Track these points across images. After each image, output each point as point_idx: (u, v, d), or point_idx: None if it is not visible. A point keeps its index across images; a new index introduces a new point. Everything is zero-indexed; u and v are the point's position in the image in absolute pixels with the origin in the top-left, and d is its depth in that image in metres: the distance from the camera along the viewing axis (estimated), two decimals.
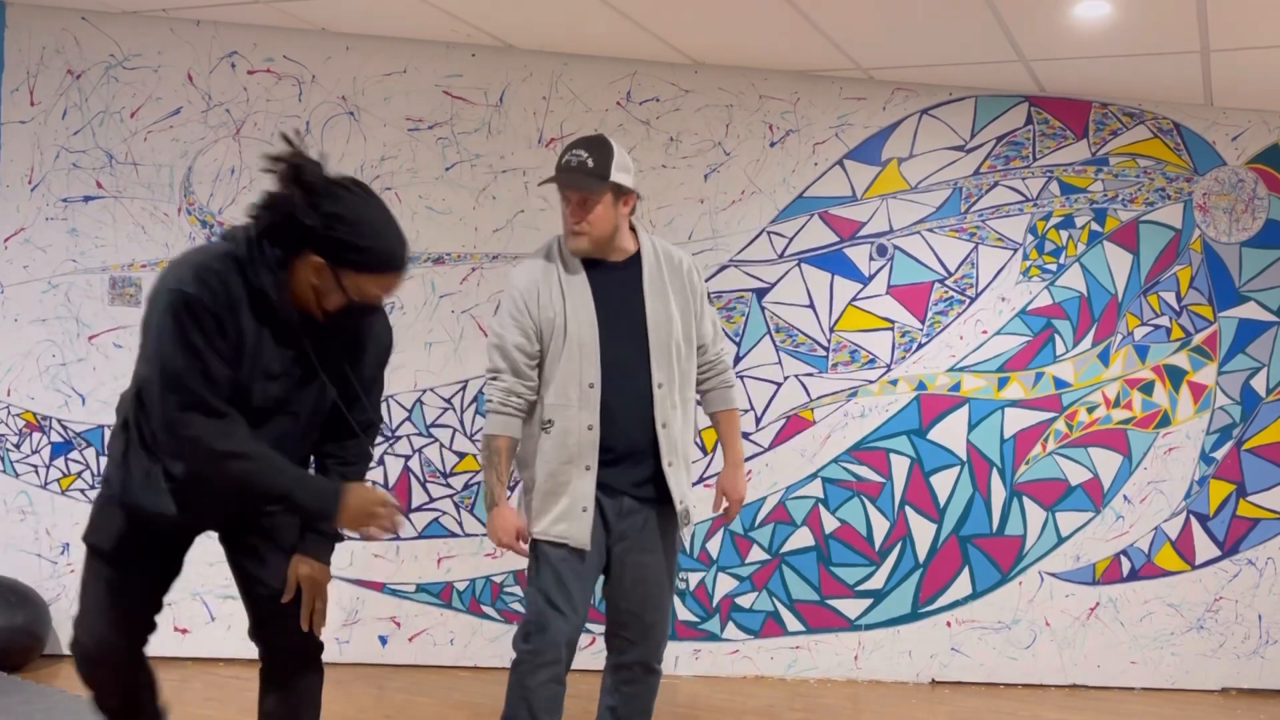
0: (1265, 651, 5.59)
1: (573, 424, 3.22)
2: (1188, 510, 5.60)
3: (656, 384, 3.26)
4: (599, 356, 3.23)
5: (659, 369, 3.26)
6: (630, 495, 3.30)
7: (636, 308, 3.28)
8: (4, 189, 5.23)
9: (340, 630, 5.33)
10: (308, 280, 2.59)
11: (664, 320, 3.29)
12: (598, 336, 3.23)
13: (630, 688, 3.43)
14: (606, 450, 3.25)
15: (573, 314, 3.23)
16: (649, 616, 3.37)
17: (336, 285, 2.58)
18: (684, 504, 3.35)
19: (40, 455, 5.23)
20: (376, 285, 2.62)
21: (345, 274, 2.57)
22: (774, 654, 5.50)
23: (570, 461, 3.23)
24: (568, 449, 3.23)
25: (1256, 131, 5.61)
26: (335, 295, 2.60)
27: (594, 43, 5.28)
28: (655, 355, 3.27)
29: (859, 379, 5.53)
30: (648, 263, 3.34)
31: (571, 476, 3.24)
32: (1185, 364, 5.59)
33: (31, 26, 5.22)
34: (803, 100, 5.54)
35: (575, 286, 3.26)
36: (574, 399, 3.22)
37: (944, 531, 5.54)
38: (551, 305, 3.25)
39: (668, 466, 3.29)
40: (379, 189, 5.35)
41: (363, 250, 2.57)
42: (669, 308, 3.31)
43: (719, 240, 5.51)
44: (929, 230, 5.56)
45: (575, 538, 3.24)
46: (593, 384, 3.22)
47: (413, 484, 5.37)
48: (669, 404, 3.28)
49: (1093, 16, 4.56)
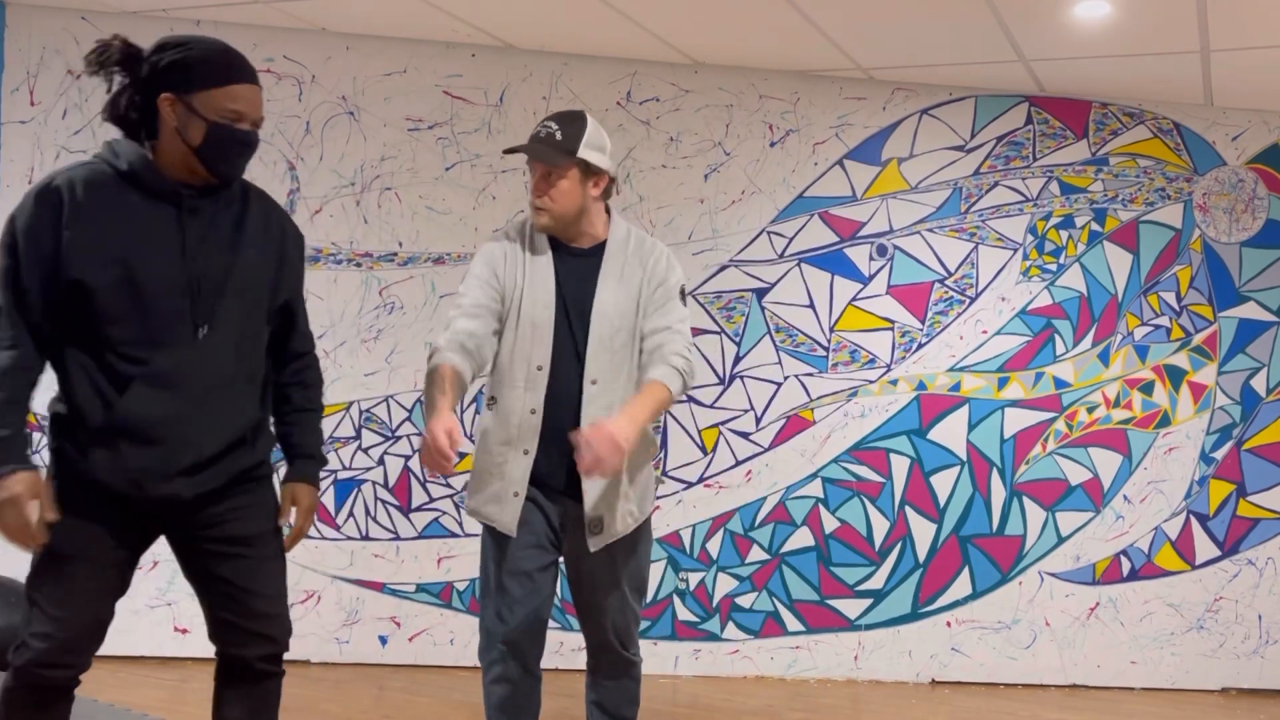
0: (1265, 651, 5.59)
1: (515, 405, 3.07)
2: (1188, 510, 5.60)
3: (589, 380, 3.07)
4: (551, 340, 3.07)
5: (594, 364, 3.07)
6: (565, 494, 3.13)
7: (589, 297, 3.10)
8: (4, 189, 5.22)
9: (340, 630, 5.33)
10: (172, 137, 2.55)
11: (611, 312, 3.09)
12: (553, 320, 3.07)
13: (609, 680, 3.37)
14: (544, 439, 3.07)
15: (529, 292, 3.09)
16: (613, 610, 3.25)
17: (192, 113, 2.52)
18: (596, 514, 3.11)
19: (40, 455, 5.22)
20: (228, 99, 2.55)
21: (196, 98, 2.53)
22: (774, 654, 5.50)
23: (509, 443, 3.08)
24: (508, 430, 3.08)
25: (1256, 131, 5.61)
26: (194, 125, 2.53)
27: (594, 43, 5.28)
28: (593, 349, 3.07)
29: (859, 379, 5.53)
30: (611, 252, 3.14)
31: (508, 459, 3.08)
32: (1185, 364, 5.59)
33: (31, 26, 5.22)
34: (803, 100, 5.54)
35: (538, 266, 3.11)
36: (520, 380, 3.07)
37: (944, 531, 5.54)
38: (512, 278, 3.11)
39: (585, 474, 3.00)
40: (379, 189, 5.41)
41: (200, 61, 2.57)
42: (619, 298, 3.10)
43: (719, 240, 5.51)
44: (929, 230, 5.56)
45: (502, 522, 3.09)
46: (541, 366, 3.06)
47: (412, 484, 5.37)
48: (600, 403, 3.06)
49: (1093, 16, 4.56)
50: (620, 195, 5.47)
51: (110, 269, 2.50)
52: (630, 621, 3.34)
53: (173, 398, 2.54)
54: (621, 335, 3.09)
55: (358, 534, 5.37)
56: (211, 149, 2.55)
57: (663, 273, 3.14)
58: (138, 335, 2.52)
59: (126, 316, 2.51)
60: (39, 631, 2.55)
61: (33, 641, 2.55)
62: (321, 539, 5.34)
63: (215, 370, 2.60)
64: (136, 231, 2.54)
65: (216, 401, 2.61)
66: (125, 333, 2.52)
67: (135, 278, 2.51)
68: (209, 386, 2.59)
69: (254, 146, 2.64)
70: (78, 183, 2.54)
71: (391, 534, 5.38)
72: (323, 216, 5.33)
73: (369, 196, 5.39)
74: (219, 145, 2.56)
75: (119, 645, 5.17)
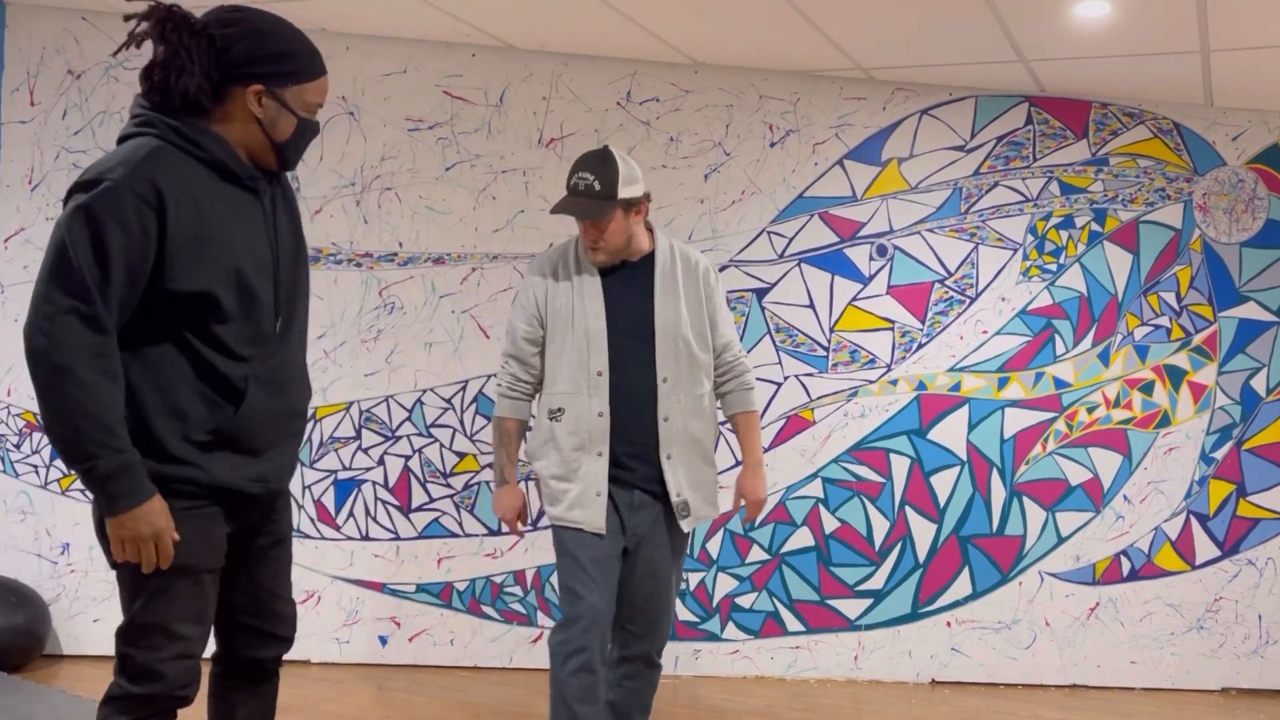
0: (1265, 651, 5.59)
1: (583, 411, 3.32)
2: (1188, 510, 5.60)
3: (661, 379, 3.35)
4: (607, 346, 3.33)
5: (664, 364, 3.36)
6: (640, 489, 3.39)
7: (645, 304, 3.38)
8: (4, 189, 5.23)
9: (340, 630, 5.33)
10: (245, 124, 2.40)
11: (672, 317, 3.38)
12: (605, 327, 3.34)
13: (632, 682, 3.49)
14: (616, 439, 3.34)
15: (580, 306, 3.34)
16: (655, 611, 3.48)
17: (282, 107, 2.41)
18: (681, 496, 3.40)
19: (40, 455, 5.24)
20: (316, 93, 2.47)
21: (288, 91, 2.41)
22: (774, 654, 5.51)
23: (582, 448, 3.33)
24: (579, 435, 3.33)
25: (1256, 131, 5.61)
26: (284, 120, 2.42)
27: (594, 43, 5.28)
28: (661, 350, 3.36)
29: (859, 379, 5.53)
30: (661, 262, 3.43)
31: (584, 463, 3.33)
32: (1185, 364, 5.59)
33: (31, 26, 5.22)
34: (803, 100, 5.54)
35: (586, 281, 3.38)
36: (583, 387, 3.32)
37: (944, 531, 5.54)
38: (560, 298, 3.36)
39: (665, 459, 3.37)
40: (379, 189, 5.41)
41: (297, 54, 2.43)
42: (678, 305, 3.41)
43: (719, 240, 5.51)
44: (929, 230, 5.56)
45: (590, 522, 3.32)
46: (601, 372, 3.32)
47: (413, 484, 5.37)
48: (673, 399, 3.36)
49: (1093, 16, 4.56)
50: None
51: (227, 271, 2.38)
52: (670, 622, 3.58)
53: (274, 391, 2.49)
54: (682, 336, 3.40)
55: (358, 534, 5.37)
56: (294, 143, 2.48)
57: (713, 282, 3.52)
58: (244, 332, 2.43)
59: (237, 317, 2.41)
60: (173, 654, 2.42)
61: (167, 667, 2.41)
62: (321, 539, 5.34)
63: (295, 361, 2.57)
64: (237, 225, 2.42)
65: (298, 392, 2.59)
66: (235, 334, 2.41)
67: (246, 277, 2.41)
68: (292, 378, 2.56)
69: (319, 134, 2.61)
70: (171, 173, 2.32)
71: (391, 534, 5.38)
72: (323, 216, 5.33)
73: (369, 196, 5.39)
74: (301, 139, 2.50)
75: None
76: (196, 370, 2.38)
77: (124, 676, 2.44)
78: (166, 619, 2.41)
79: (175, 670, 2.42)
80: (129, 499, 2.30)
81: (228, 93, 2.39)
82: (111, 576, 5.36)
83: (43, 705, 4.39)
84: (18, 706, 4.35)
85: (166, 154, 2.33)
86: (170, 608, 2.41)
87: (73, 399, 2.23)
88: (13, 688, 4.60)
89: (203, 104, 2.38)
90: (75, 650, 5.22)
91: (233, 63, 2.37)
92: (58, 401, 2.25)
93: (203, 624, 2.49)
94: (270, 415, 2.49)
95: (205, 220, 2.35)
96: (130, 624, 2.44)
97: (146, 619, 2.41)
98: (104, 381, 2.25)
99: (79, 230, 2.24)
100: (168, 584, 2.40)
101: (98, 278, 2.23)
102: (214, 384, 2.40)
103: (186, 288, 2.32)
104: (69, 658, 5.21)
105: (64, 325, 2.22)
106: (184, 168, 2.34)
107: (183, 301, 2.34)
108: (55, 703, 4.44)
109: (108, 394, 2.26)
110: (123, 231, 2.24)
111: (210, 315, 2.37)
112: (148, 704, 2.43)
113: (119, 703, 2.43)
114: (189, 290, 2.32)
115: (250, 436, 2.46)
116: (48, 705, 4.40)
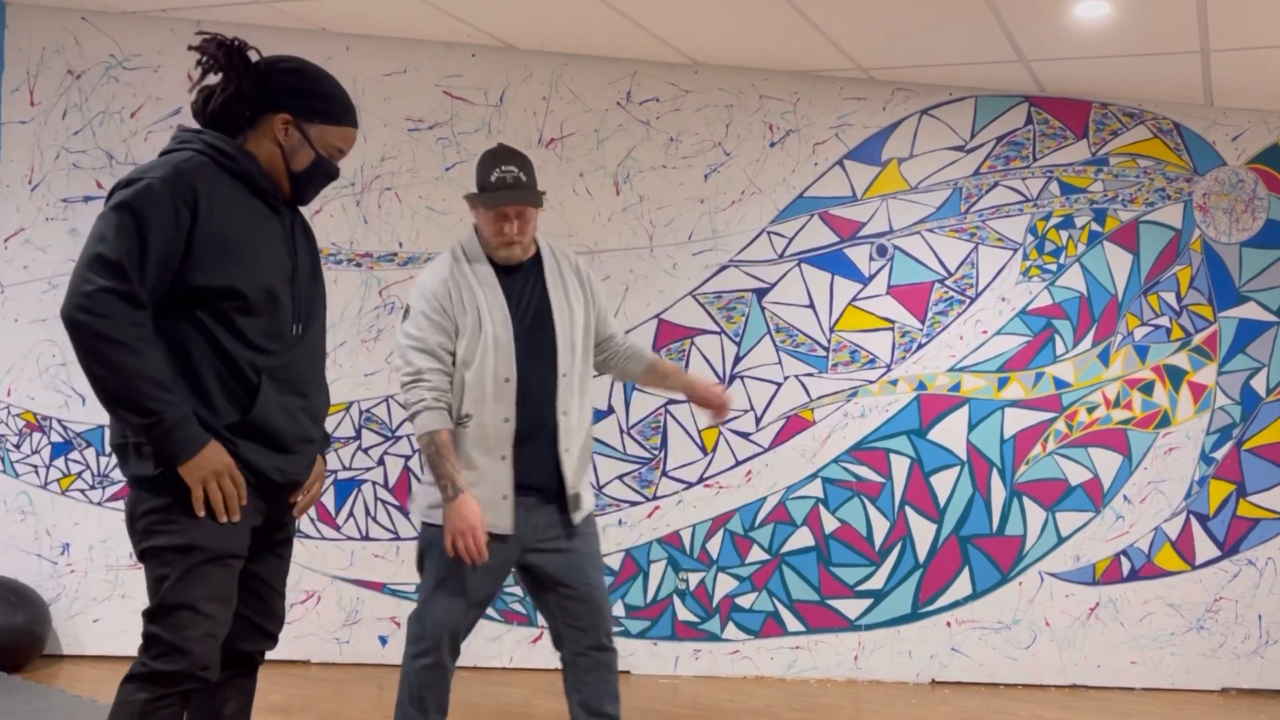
0: (1265, 651, 5.59)
1: (489, 418, 3.31)
2: (1188, 510, 5.60)
3: (561, 374, 3.37)
4: (514, 352, 3.33)
5: (564, 360, 3.38)
6: (536, 490, 3.36)
7: (543, 304, 3.41)
8: (4, 189, 5.23)
9: (340, 630, 5.33)
10: (271, 149, 2.63)
11: (567, 315, 3.42)
12: (512, 333, 3.34)
13: (592, 675, 3.43)
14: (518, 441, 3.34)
15: (487, 314, 3.34)
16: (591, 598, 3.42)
17: (304, 140, 2.65)
18: (575, 490, 3.39)
19: (40, 455, 5.23)
20: (340, 139, 2.72)
21: (313, 127, 2.66)
22: (774, 654, 5.51)
23: (488, 452, 3.32)
24: (485, 441, 3.32)
25: (1256, 131, 5.61)
26: (303, 152, 2.66)
27: (594, 43, 5.28)
28: (561, 347, 3.38)
29: (859, 379, 5.53)
30: (548, 262, 3.48)
31: (489, 467, 3.32)
32: (1185, 364, 5.59)
33: (31, 26, 5.22)
34: (803, 100, 5.54)
35: (488, 287, 3.38)
36: (490, 394, 3.31)
37: (944, 531, 5.54)
38: (464, 305, 3.35)
39: (564, 452, 3.36)
40: (379, 189, 5.41)
41: (330, 99, 2.70)
42: (570, 300, 3.45)
43: (719, 240, 5.51)
44: (929, 230, 5.56)
45: (499, 524, 3.30)
46: (508, 379, 3.32)
47: (413, 484, 5.37)
48: (570, 393, 3.39)
49: (1093, 16, 4.56)
50: (621, 196, 5.49)
51: (252, 270, 2.55)
52: (609, 602, 3.53)
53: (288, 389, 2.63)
54: (577, 332, 3.42)
55: (358, 534, 5.37)
56: (308, 176, 2.71)
57: (595, 282, 3.57)
58: (266, 330, 2.58)
59: (259, 312, 2.57)
60: (200, 633, 2.51)
61: (193, 645, 2.50)
62: (321, 539, 5.34)
63: (311, 366, 2.73)
64: (260, 232, 2.61)
65: (315, 396, 2.74)
66: (256, 328, 2.57)
67: (267, 275, 2.59)
68: (308, 381, 2.71)
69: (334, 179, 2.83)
70: (206, 178, 2.52)
71: (391, 534, 5.38)
72: (323, 216, 5.33)
73: (369, 196, 5.39)
74: (315, 175, 2.72)
75: (119, 645, 5.17)
76: (218, 359, 2.53)
77: (148, 654, 2.52)
78: (195, 599, 2.50)
79: (201, 649, 2.51)
80: (194, 443, 2.46)
81: (261, 117, 2.64)
82: (111, 577, 5.38)
83: (43, 705, 4.39)
84: (18, 706, 4.35)
85: (203, 164, 2.55)
86: (199, 589, 2.51)
87: (124, 363, 2.40)
88: (13, 688, 4.60)
89: (239, 123, 2.63)
90: (75, 650, 5.22)
91: (272, 90, 2.64)
92: (108, 370, 2.41)
93: (228, 607, 2.57)
94: (285, 412, 2.62)
95: (234, 223, 2.54)
96: (159, 605, 2.52)
97: (176, 599, 2.50)
98: (148, 347, 2.43)
99: (117, 219, 2.43)
100: (194, 565, 2.51)
101: (134, 261, 2.41)
102: (233, 373, 2.54)
103: (213, 283, 2.49)
104: (69, 658, 5.21)
105: (102, 300, 2.39)
106: (218, 178, 2.55)
107: (209, 295, 2.50)
108: (55, 703, 4.44)
109: (154, 356, 2.43)
110: (159, 222, 2.43)
111: (234, 308, 2.53)
112: (169, 680, 2.50)
113: (141, 679, 2.51)
114: (216, 285, 2.50)
115: (269, 428, 2.58)
116: (48, 705, 4.40)
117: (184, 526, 2.50)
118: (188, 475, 2.46)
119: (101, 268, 2.40)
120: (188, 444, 2.44)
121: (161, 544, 2.51)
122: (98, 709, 4.31)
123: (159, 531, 2.51)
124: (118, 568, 5.23)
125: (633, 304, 5.47)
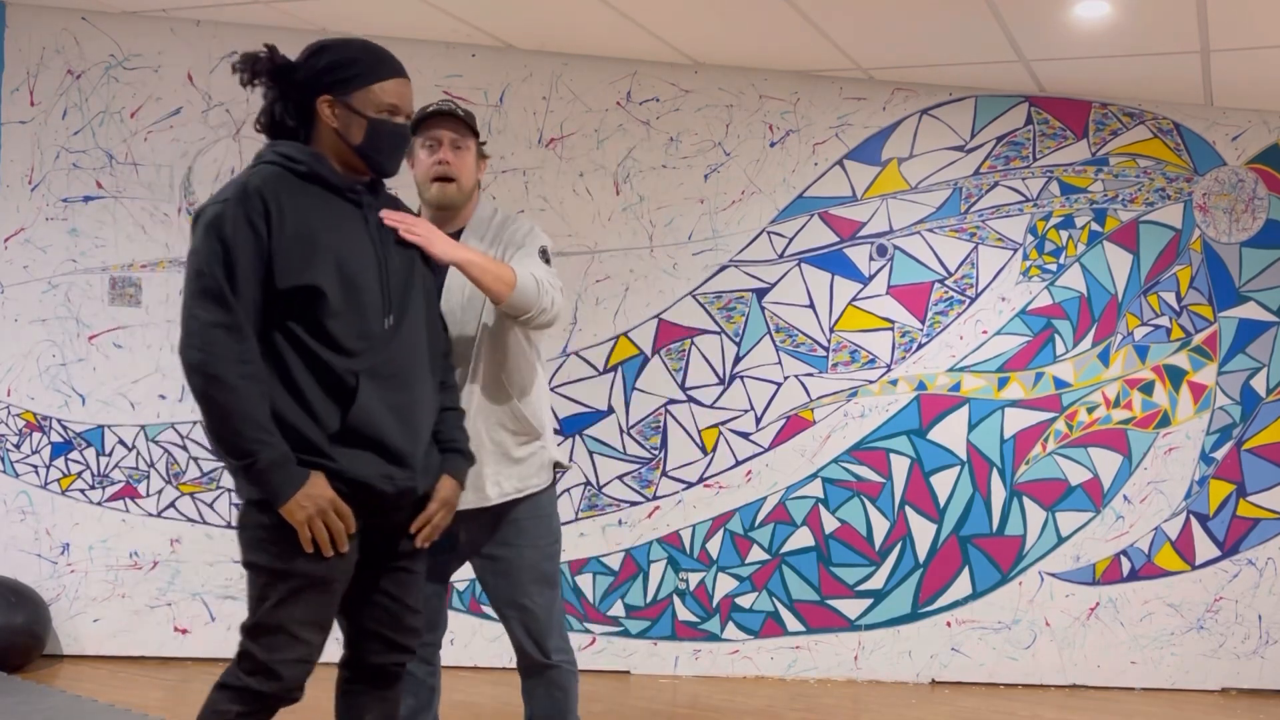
0: (1265, 651, 5.59)
1: None
2: (1188, 510, 5.60)
3: None
4: None
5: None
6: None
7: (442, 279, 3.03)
8: (4, 189, 5.23)
9: None
10: (331, 137, 2.61)
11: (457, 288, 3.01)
12: None
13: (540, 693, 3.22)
14: None
15: None
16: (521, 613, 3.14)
17: (350, 112, 2.61)
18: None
19: (40, 455, 5.23)
20: (386, 94, 2.66)
21: (353, 96, 2.61)
22: (774, 654, 5.51)
23: None
24: None
25: (1256, 131, 5.61)
26: (356, 125, 2.61)
27: (594, 43, 5.28)
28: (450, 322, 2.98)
29: (859, 379, 5.53)
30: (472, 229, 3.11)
31: None
32: (1185, 364, 5.59)
33: (31, 26, 5.22)
34: (803, 100, 5.54)
35: None
36: None
37: (944, 531, 5.54)
38: None
39: None
40: None
41: (353, 61, 2.63)
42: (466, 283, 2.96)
43: (719, 240, 5.51)
44: (929, 230, 5.56)
45: None
46: None
47: None
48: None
49: (1093, 16, 4.56)
50: (621, 196, 5.49)
51: (330, 267, 2.53)
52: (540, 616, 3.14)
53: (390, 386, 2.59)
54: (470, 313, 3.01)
55: None
56: (372, 145, 2.64)
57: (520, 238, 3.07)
58: (353, 328, 2.55)
59: (344, 311, 2.54)
60: (293, 657, 2.54)
61: (285, 669, 2.53)
62: None
63: (413, 361, 2.67)
64: (338, 228, 2.59)
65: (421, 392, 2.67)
66: (345, 329, 2.54)
67: (348, 273, 2.56)
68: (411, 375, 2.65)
69: (409, 139, 2.78)
70: (273, 186, 2.53)
71: None
72: None
73: None
74: (378, 140, 2.65)
75: (119, 645, 5.18)
76: (312, 367, 2.53)
77: (242, 669, 2.55)
78: (292, 623, 2.54)
79: (292, 673, 2.54)
80: (291, 484, 2.46)
81: (310, 111, 2.63)
82: (111, 577, 5.38)
83: (43, 705, 4.39)
84: (18, 706, 4.35)
85: (273, 174, 2.56)
86: (297, 612, 2.54)
87: (225, 402, 2.43)
88: (13, 688, 4.60)
89: (289, 125, 2.63)
90: (75, 650, 5.22)
91: (303, 82, 2.61)
92: (210, 408, 2.45)
93: (324, 632, 2.60)
94: (392, 411, 2.58)
95: (307, 223, 2.54)
96: (256, 624, 2.55)
97: (273, 620, 2.53)
98: (251, 385, 2.45)
99: (205, 250, 2.47)
100: (301, 588, 2.53)
101: (230, 288, 2.45)
102: (329, 379, 2.53)
103: (294, 283, 2.49)
104: (69, 658, 5.20)
105: (211, 338, 2.44)
106: (288, 184, 2.56)
107: (293, 298, 2.50)
108: (55, 703, 4.43)
109: (256, 395, 2.45)
110: (241, 241, 2.47)
111: (319, 310, 2.51)
112: (259, 700, 2.54)
113: (234, 692, 2.54)
114: (297, 285, 2.49)
115: (371, 431, 2.55)
116: (48, 705, 4.39)
117: (285, 550, 2.51)
118: (290, 516, 2.47)
119: (205, 300, 2.45)
120: (284, 485, 2.45)
121: (263, 563, 2.54)
122: (97, 709, 4.32)
123: (262, 550, 2.53)
124: (117, 568, 5.23)
125: (633, 304, 5.47)
